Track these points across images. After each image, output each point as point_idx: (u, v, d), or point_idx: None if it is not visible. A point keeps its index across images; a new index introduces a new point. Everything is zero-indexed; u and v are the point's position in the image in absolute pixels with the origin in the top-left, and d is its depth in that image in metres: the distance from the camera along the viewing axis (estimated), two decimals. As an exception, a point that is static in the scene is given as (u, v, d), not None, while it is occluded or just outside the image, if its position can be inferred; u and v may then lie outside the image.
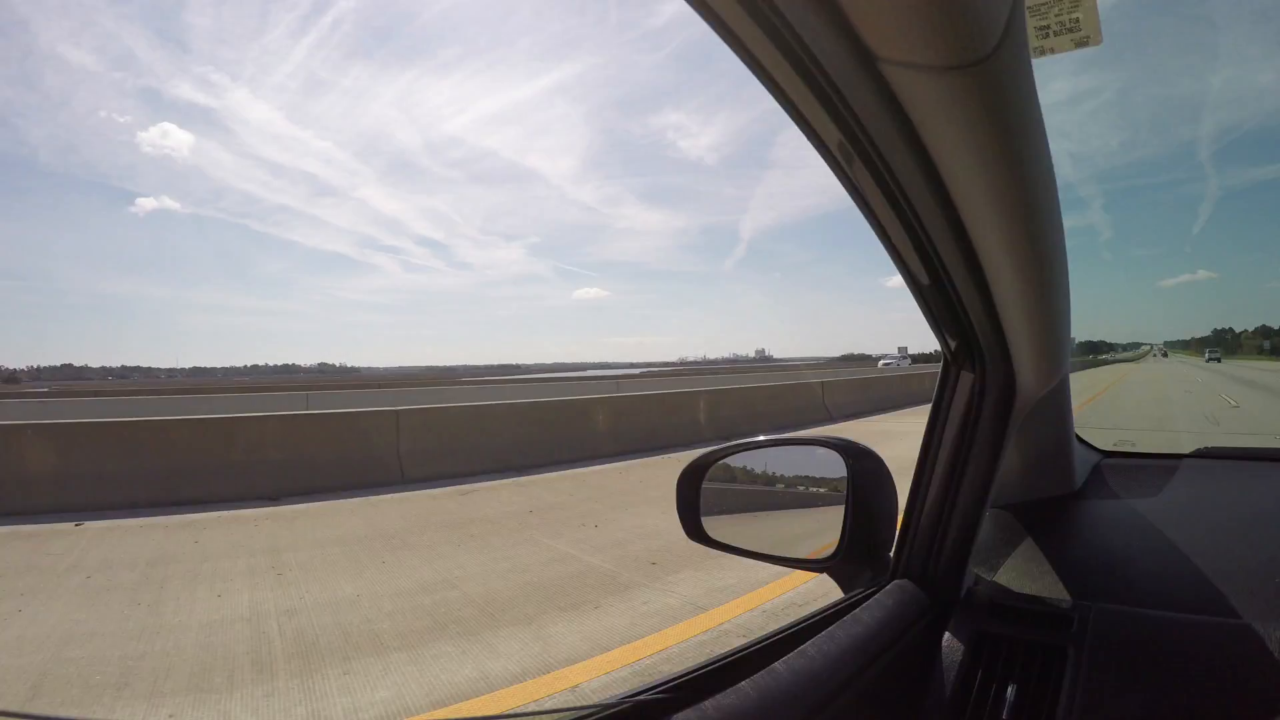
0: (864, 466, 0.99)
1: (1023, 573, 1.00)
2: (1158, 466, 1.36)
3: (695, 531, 1.10)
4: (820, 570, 1.03)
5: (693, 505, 1.10)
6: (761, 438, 1.11)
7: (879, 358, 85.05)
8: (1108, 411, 10.81)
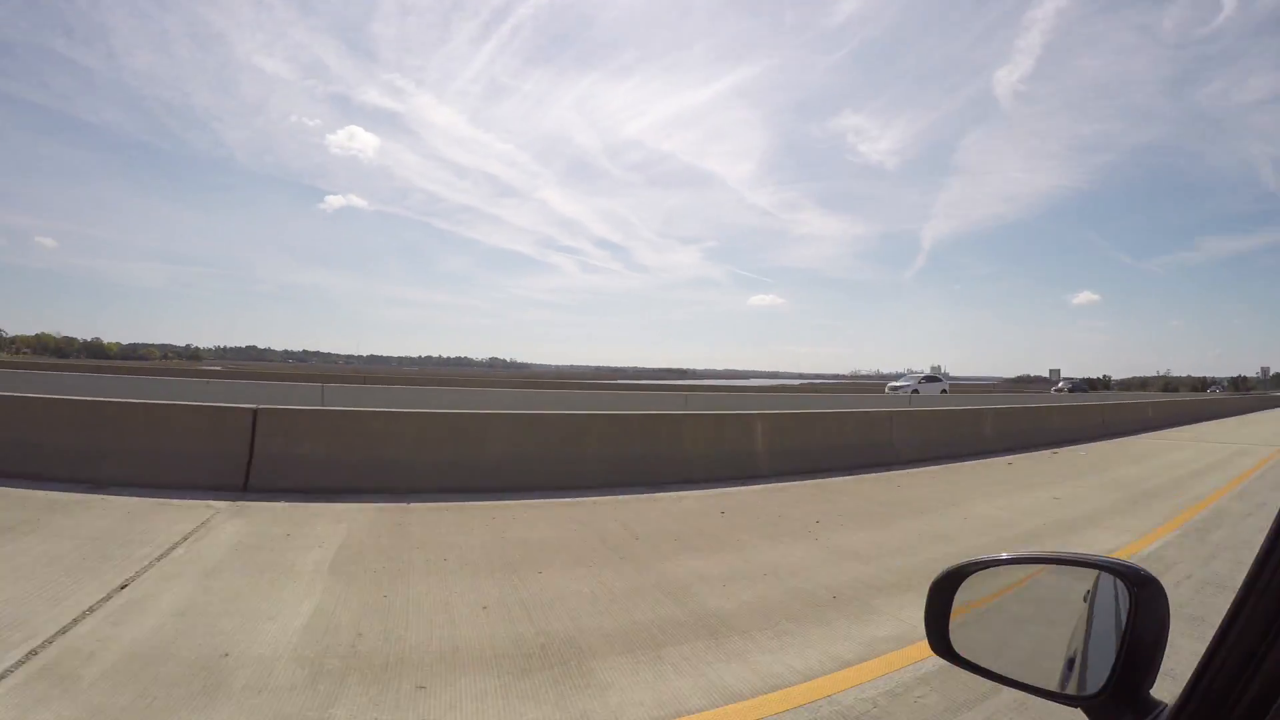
0: (1144, 595, 0.90)
1: None
2: None
3: (941, 645, 1.06)
4: (1077, 706, 0.95)
5: (942, 615, 1.05)
6: (1031, 553, 1.05)
7: (1053, 381, 72.97)
8: None
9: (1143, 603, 0.89)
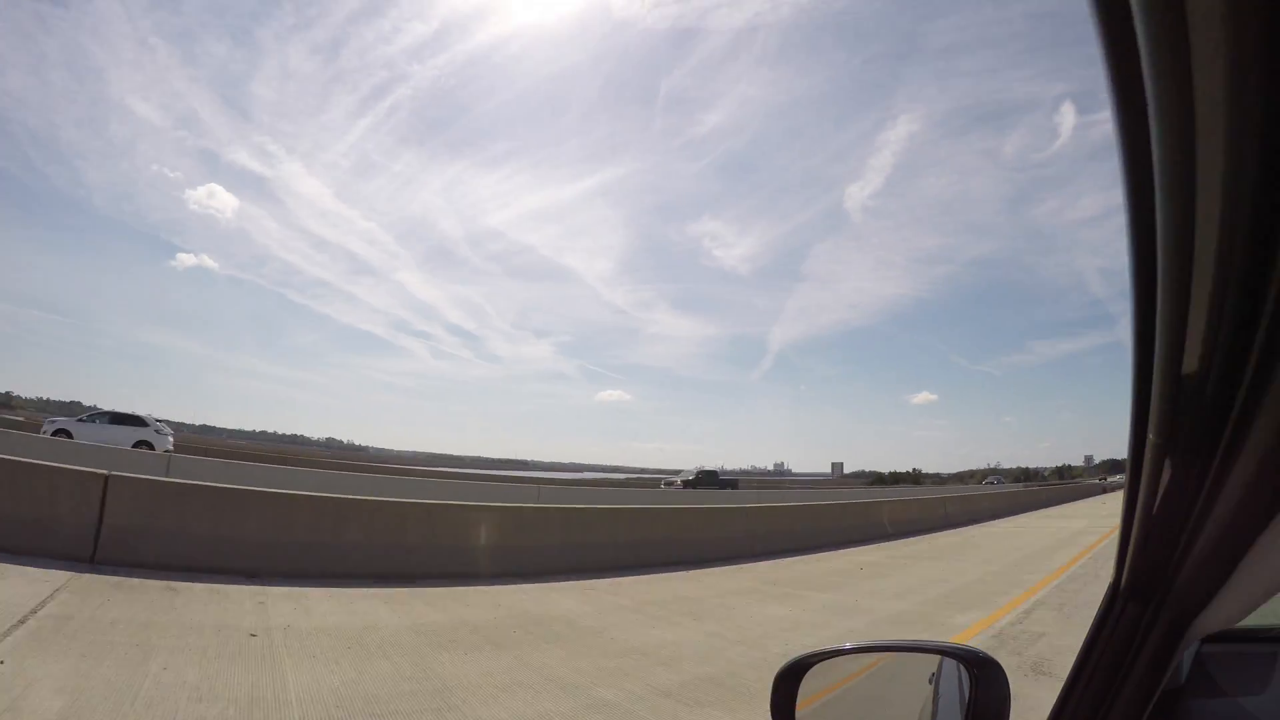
0: (983, 676, 0.91)
1: None
2: (1264, 653, 1.19)
3: (786, 736, 1.01)
4: None
5: (788, 706, 1.02)
6: (872, 641, 1.04)
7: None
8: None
9: (982, 683, 0.90)
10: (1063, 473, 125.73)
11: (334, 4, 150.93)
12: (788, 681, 1.03)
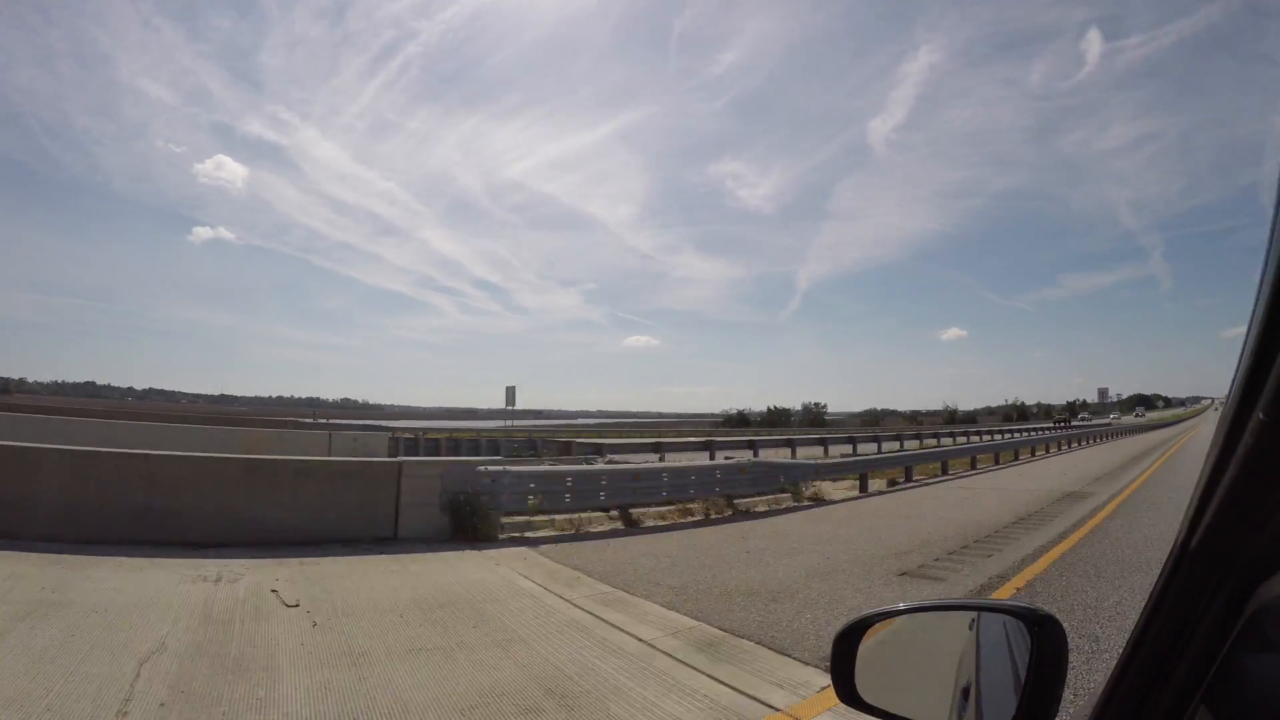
0: (1046, 635, 0.92)
1: None
2: None
3: (848, 693, 1.04)
4: None
5: (847, 665, 1.04)
6: (931, 601, 1.05)
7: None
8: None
9: (1043, 640, 0.90)
10: (1074, 409, 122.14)
11: None
12: (847, 641, 1.05)
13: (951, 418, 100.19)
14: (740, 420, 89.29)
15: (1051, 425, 65.24)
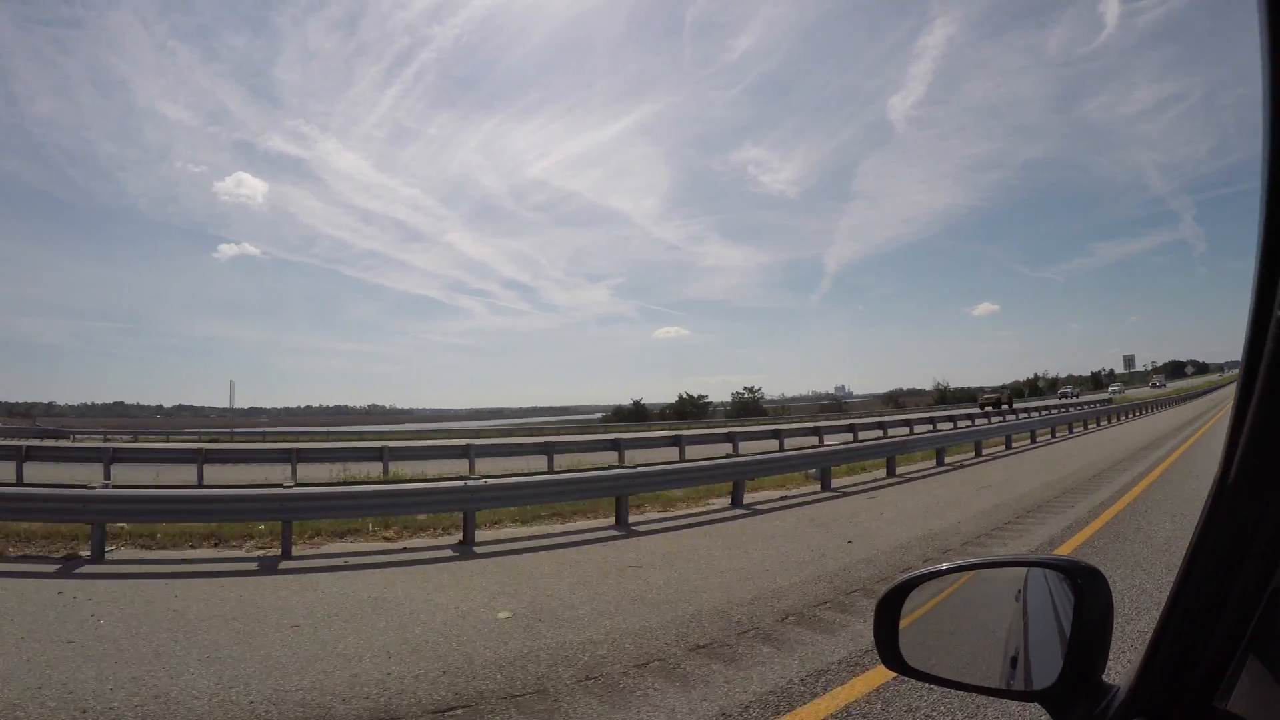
0: (1088, 586, 0.92)
1: None
2: None
3: (892, 658, 1.05)
4: (1033, 700, 0.96)
5: (891, 629, 1.05)
6: (973, 559, 1.05)
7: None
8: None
9: (1087, 593, 0.90)
10: (1099, 380, 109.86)
11: None
12: (889, 605, 1.06)
13: (943, 397, 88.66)
14: (635, 413, 72.36)
15: (981, 409, 45.65)
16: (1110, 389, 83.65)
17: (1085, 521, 8.07)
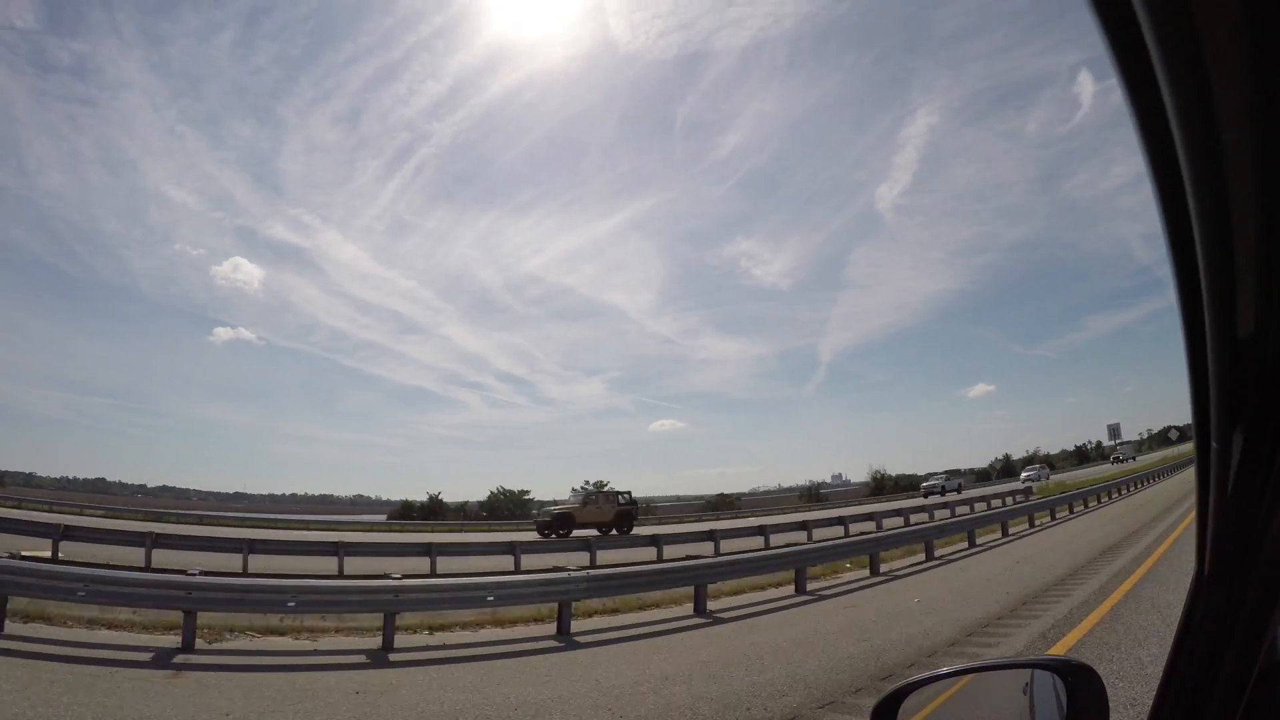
0: (1078, 684, 0.90)
1: None
2: None
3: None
4: None
5: (888, 736, 1.00)
6: (965, 664, 1.03)
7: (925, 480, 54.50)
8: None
9: (1078, 691, 0.89)
10: (1083, 455, 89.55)
11: (348, 74, 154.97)
12: (884, 713, 1.02)
13: (879, 487, 70.93)
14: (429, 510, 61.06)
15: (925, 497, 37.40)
16: (1025, 475, 57.12)
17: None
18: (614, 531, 28.65)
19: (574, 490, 37.46)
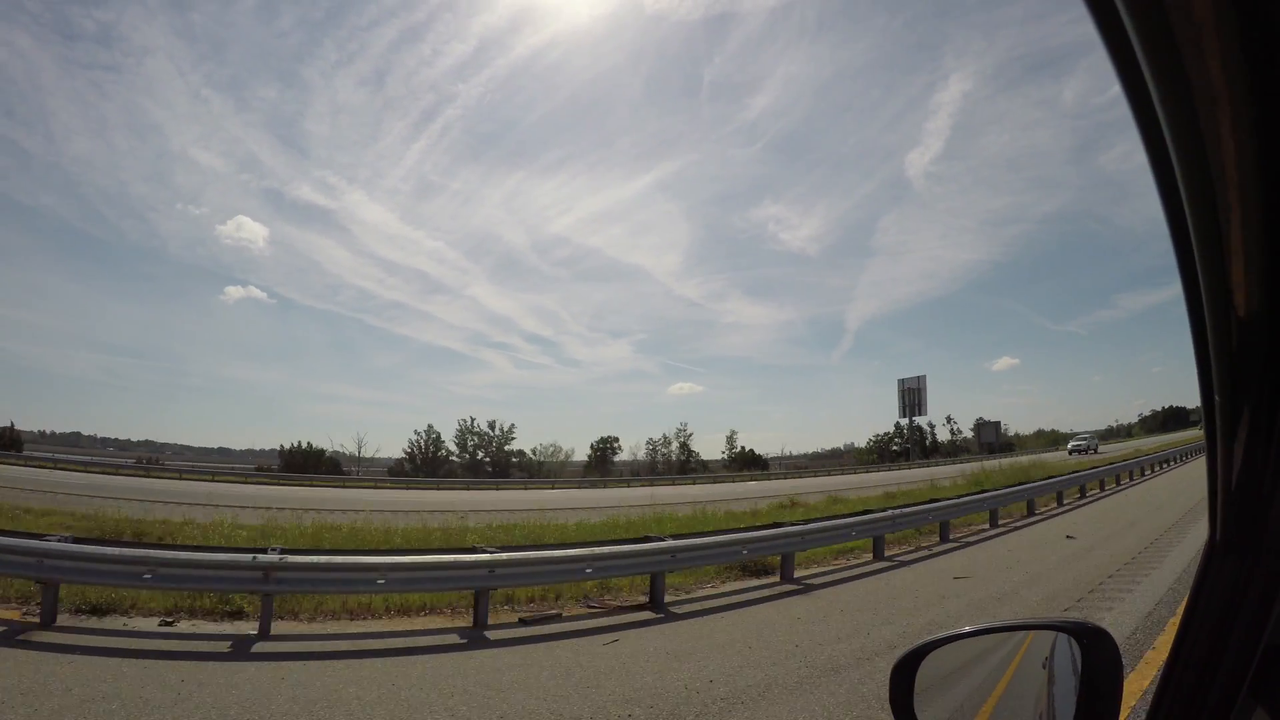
0: (1092, 645, 0.92)
1: None
2: None
3: (908, 723, 1.03)
4: None
5: (906, 696, 1.04)
6: (983, 625, 1.06)
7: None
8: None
9: (1091, 652, 0.91)
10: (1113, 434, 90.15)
11: (372, 36, 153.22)
12: (904, 671, 1.05)
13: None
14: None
15: None
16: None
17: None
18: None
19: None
